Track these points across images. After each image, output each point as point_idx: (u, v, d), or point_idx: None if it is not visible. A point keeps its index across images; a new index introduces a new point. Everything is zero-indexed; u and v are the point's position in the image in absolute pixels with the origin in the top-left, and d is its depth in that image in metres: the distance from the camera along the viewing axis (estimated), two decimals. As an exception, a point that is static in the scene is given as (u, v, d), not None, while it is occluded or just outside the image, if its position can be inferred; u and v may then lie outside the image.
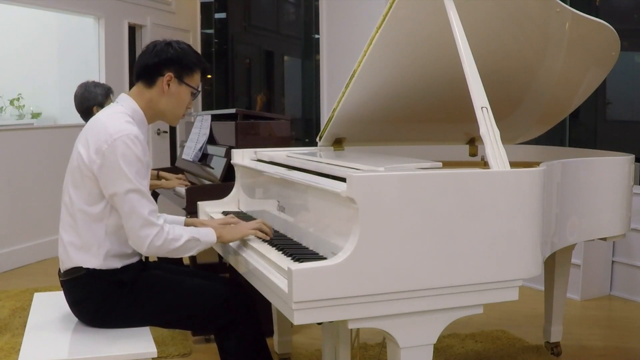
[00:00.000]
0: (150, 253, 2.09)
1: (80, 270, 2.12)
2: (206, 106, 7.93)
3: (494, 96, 2.11)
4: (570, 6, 2.51)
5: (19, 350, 2.04)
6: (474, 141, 3.17)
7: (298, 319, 1.66)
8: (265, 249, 2.10)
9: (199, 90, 2.27)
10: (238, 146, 3.38)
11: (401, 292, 1.74)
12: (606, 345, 3.48)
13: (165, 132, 6.97)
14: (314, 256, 1.97)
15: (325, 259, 1.82)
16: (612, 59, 2.84)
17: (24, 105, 5.83)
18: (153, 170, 4.03)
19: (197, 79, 2.26)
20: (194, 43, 7.62)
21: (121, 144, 2.03)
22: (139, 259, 2.25)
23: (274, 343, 3.11)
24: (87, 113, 3.72)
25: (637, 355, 3.34)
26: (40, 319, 2.28)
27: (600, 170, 2.68)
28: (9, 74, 5.81)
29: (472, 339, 3.47)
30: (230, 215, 2.54)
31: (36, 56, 5.99)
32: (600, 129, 5.50)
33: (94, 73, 5.86)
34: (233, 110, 3.73)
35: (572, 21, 2.55)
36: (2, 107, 5.76)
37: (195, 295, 2.23)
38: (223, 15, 8.43)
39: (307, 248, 2.08)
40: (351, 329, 2.29)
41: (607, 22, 2.66)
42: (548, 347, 3.28)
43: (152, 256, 2.32)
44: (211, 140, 3.83)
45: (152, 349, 2.02)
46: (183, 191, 3.37)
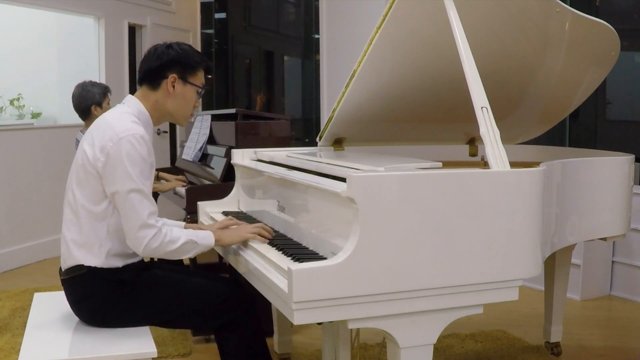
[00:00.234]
0: (147, 254, 2.09)
1: (82, 268, 2.13)
2: (206, 106, 7.93)
3: (494, 96, 2.11)
4: (570, 6, 2.51)
5: (19, 350, 2.04)
6: (474, 141, 3.17)
7: (298, 319, 1.66)
8: (265, 249, 2.10)
9: (204, 88, 2.28)
10: (238, 146, 3.38)
11: (401, 292, 1.74)
12: (606, 345, 3.48)
13: (165, 132, 6.97)
14: (314, 256, 1.97)
15: (325, 259, 1.82)
16: (612, 59, 2.84)
17: (24, 105, 5.83)
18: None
19: (201, 78, 2.27)
20: (194, 43, 7.61)
21: (126, 143, 2.04)
22: (141, 259, 2.25)
23: (274, 343, 3.11)
24: (86, 112, 3.72)
25: (637, 355, 3.34)
26: (40, 318, 2.28)
27: (600, 170, 2.68)
28: (9, 74, 5.81)
29: (472, 339, 3.47)
30: (229, 217, 2.54)
31: (36, 56, 5.99)
32: (600, 129, 5.50)
33: (94, 73, 5.86)
34: (233, 110, 3.73)
35: (572, 21, 2.55)
36: (2, 107, 5.76)
37: (196, 294, 2.23)
38: (223, 15, 8.43)
39: (307, 248, 2.08)
40: (351, 329, 2.30)
41: (607, 22, 2.66)
42: (548, 347, 3.28)
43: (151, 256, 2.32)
44: (211, 140, 3.83)
45: (152, 349, 2.02)
46: (183, 191, 3.37)
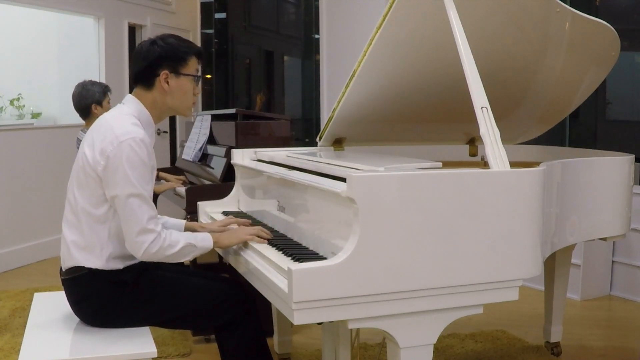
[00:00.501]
0: (146, 259, 2.08)
1: (82, 269, 2.13)
2: (206, 106, 7.93)
3: (494, 96, 2.11)
4: (570, 6, 2.51)
5: (19, 350, 2.04)
6: (474, 141, 3.17)
7: (298, 319, 1.66)
8: (265, 249, 2.10)
9: (199, 75, 2.25)
10: (238, 146, 3.38)
11: (401, 292, 1.74)
12: (606, 345, 3.48)
13: (166, 132, 6.97)
14: (314, 256, 1.97)
15: (325, 259, 1.82)
16: (612, 59, 2.84)
17: (24, 105, 5.83)
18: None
19: (194, 65, 2.22)
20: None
21: (127, 147, 2.03)
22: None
23: (274, 343, 3.11)
24: (86, 111, 3.72)
25: (637, 355, 3.34)
26: (40, 318, 2.28)
27: (600, 170, 2.68)
28: (9, 74, 5.81)
29: (472, 339, 3.47)
30: (230, 217, 2.54)
31: (36, 56, 5.99)
32: (600, 129, 5.50)
33: (94, 73, 5.86)
34: (233, 110, 3.73)
35: (572, 21, 2.55)
36: (2, 107, 5.76)
37: (196, 295, 2.23)
38: (223, 15, 8.43)
39: (307, 248, 2.08)
40: (351, 329, 2.29)
41: (607, 22, 2.66)
42: (548, 347, 3.28)
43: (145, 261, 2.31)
44: (211, 140, 3.83)
45: (152, 349, 2.02)
46: (183, 191, 3.37)
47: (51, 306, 2.37)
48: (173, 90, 2.18)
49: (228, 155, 3.31)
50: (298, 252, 1.99)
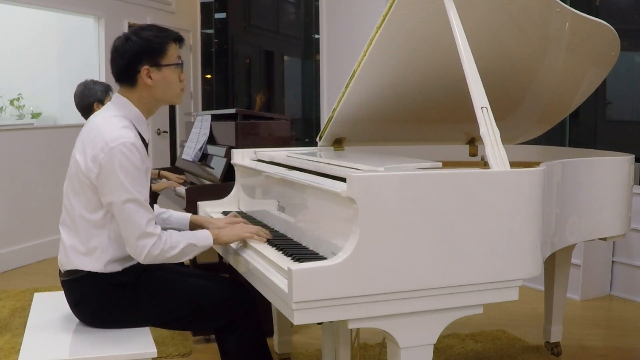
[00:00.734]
0: (148, 262, 2.07)
1: (82, 272, 2.12)
2: (206, 106, 7.93)
3: (494, 96, 2.11)
4: (570, 6, 2.51)
5: (19, 350, 2.04)
6: (474, 141, 3.17)
7: (298, 319, 1.66)
8: (265, 249, 2.10)
9: (181, 61, 2.19)
10: (238, 146, 3.38)
11: (401, 292, 1.74)
12: (606, 345, 3.48)
13: (165, 132, 6.97)
14: (314, 256, 1.97)
15: (325, 259, 1.82)
16: (612, 59, 2.84)
17: (24, 105, 5.83)
18: (154, 169, 4.03)
19: (174, 52, 2.15)
20: (194, 43, 7.62)
21: (118, 153, 2.00)
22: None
23: (274, 343, 3.11)
24: (88, 110, 3.72)
25: (637, 355, 3.34)
26: (40, 319, 2.28)
27: (600, 170, 2.68)
28: (9, 74, 5.81)
29: (472, 339, 3.47)
30: (233, 214, 2.54)
31: (36, 56, 5.99)
32: (600, 129, 5.50)
33: (94, 73, 5.85)
34: (233, 110, 3.73)
35: (572, 21, 2.55)
36: (2, 107, 5.76)
37: (196, 295, 2.23)
38: (223, 15, 8.43)
39: (307, 248, 2.08)
40: (351, 329, 2.29)
41: (607, 22, 2.66)
42: (548, 347, 3.28)
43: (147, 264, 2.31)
44: (211, 140, 3.83)
45: (152, 349, 2.02)
46: (183, 191, 3.37)
47: (51, 306, 2.37)
48: (157, 84, 2.13)
49: (228, 155, 3.31)
50: (298, 252, 1.99)
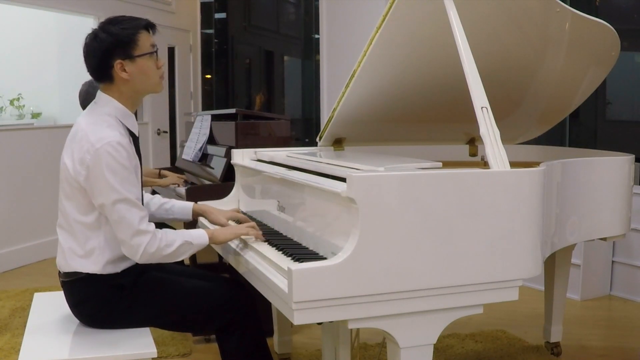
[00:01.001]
0: (144, 260, 2.06)
1: (81, 273, 2.12)
2: (206, 106, 7.94)
3: (494, 96, 2.11)
4: (570, 6, 2.51)
5: (19, 350, 2.04)
6: (474, 141, 3.17)
7: (298, 319, 1.66)
8: (265, 249, 2.10)
9: (156, 49, 2.16)
10: (238, 146, 3.38)
11: (401, 292, 1.74)
12: (606, 345, 3.48)
13: (165, 132, 6.97)
14: (314, 256, 1.97)
15: (325, 259, 1.82)
16: (612, 59, 2.84)
17: (24, 105, 5.83)
18: (155, 169, 4.04)
19: (146, 41, 2.12)
20: (193, 43, 7.62)
21: (104, 154, 1.99)
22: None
23: (274, 343, 3.11)
24: None
25: (637, 355, 3.34)
26: (40, 319, 2.28)
27: (600, 170, 2.68)
28: (9, 74, 5.81)
29: (472, 339, 3.47)
30: (236, 208, 2.53)
31: (36, 56, 5.98)
32: (600, 129, 5.50)
33: (94, 73, 5.85)
34: (233, 110, 3.73)
35: (572, 21, 2.55)
36: (2, 107, 5.77)
37: (196, 296, 2.23)
38: (223, 15, 8.44)
39: (307, 248, 2.08)
40: (351, 329, 2.29)
41: (607, 22, 2.66)
42: (548, 347, 3.28)
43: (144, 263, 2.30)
44: (211, 140, 3.83)
45: (152, 349, 2.02)
46: (183, 191, 3.37)
47: (51, 306, 2.37)
48: (134, 76, 2.11)
49: (228, 155, 3.31)
50: (298, 252, 1.99)
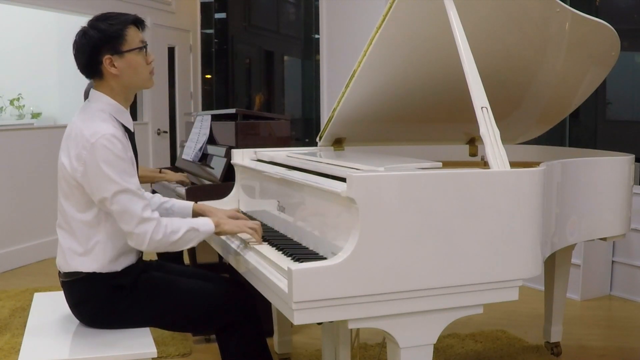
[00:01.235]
0: (152, 249, 2.06)
1: (81, 273, 2.12)
2: (206, 106, 7.94)
3: (494, 96, 2.11)
4: (570, 6, 2.51)
5: (19, 350, 2.04)
6: (474, 141, 3.17)
7: (298, 319, 1.66)
8: (265, 249, 2.10)
9: (145, 44, 2.17)
10: (238, 146, 3.38)
11: (401, 292, 1.74)
12: (606, 345, 3.48)
13: (165, 132, 6.97)
14: (314, 256, 1.97)
15: (325, 259, 1.82)
16: (612, 59, 2.84)
17: (24, 105, 5.83)
18: (155, 168, 4.04)
19: (135, 36, 2.13)
20: (193, 43, 7.62)
21: (100, 147, 2.00)
22: (139, 260, 2.25)
23: (274, 343, 3.11)
24: None
25: (637, 355, 3.34)
26: (40, 319, 2.28)
27: (600, 170, 2.68)
28: (9, 74, 5.81)
29: (472, 339, 3.47)
30: (236, 208, 2.54)
31: (36, 56, 5.99)
32: (600, 129, 5.50)
33: (94, 73, 5.85)
34: (233, 110, 3.73)
35: (572, 21, 2.55)
36: (2, 107, 5.77)
37: (196, 296, 2.23)
38: (223, 15, 8.44)
39: (307, 248, 2.08)
40: (351, 329, 2.29)
41: (607, 22, 2.66)
42: (548, 347, 3.28)
43: (153, 252, 2.30)
44: (211, 140, 3.83)
45: (152, 349, 2.02)
46: (183, 191, 3.37)
47: (51, 306, 2.37)
48: (123, 71, 2.12)
49: (228, 155, 3.31)
50: (298, 252, 1.99)
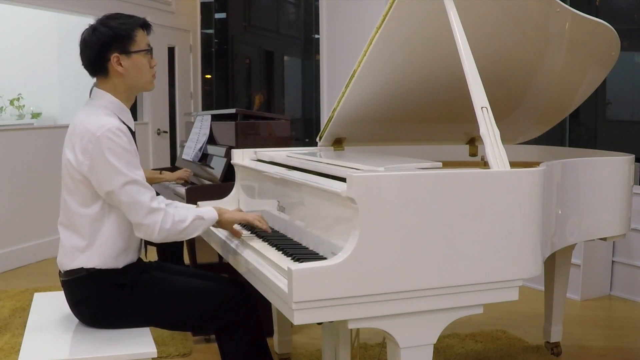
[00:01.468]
0: (161, 238, 2.08)
1: (81, 271, 2.12)
2: (206, 106, 7.94)
3: (494, 96, 2.11)
4: (570, 6, 2.51)
5: (19, 350, 2.04)
6: (474, 141, 3.17)
7: (298, 319, 1.66)
8: (265, 249, 2.10)
9: (150, 48, 2.20)
10: (238, 146, 3.38)
11: (401, 292, 1.74)
12: (606, 345, 3.48)
13: (165, 132, 6.96)
14: (314, 256, 1.97)
15: (325, 259, 1.82)
16: (612, 59, 2.84)
17: (24, 105, 5.83)
18: (155, 169, 4.04)
19: (142, 39, 2.18)
20: (193, 43, 7.62)
21: (105, 139, 2.02)
22: (139, 259, 2.25)
23: (274, 343, 3.11)
24: None
25: (637, 355, 3.34)
26: (40, 319, 2.28)
27: (600, 170, 2.68)
28: (9, 74, 5.81)
29: (472, 339, 3.47)
30: (238, 209, 2.55)
31: (36, 56, 5.99)
32: (600, 129, 5.51)
33: (94, 73, 5.85)
34: (233, 110, 3.73)
35: (572, 21, 2.55)
36: (2, 107, 5.77)
37: (196, 296, 2.23)
38: (223, 15, 8.44)
39: (307, 248, 2.08)
40: (351, 329, 2.29)
41: (607, 22, 2.66)
42: (548, 347, 3.28)
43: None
44: (211, 140, 3.83)
45: (152, 349, 2.02)
46: (183, 191, 3.37)
47: (51, 306, 2.37)
48: (128, 71, 2.15)
49: (228, 155, 3.31)
50: (298, 252, 1.99)
